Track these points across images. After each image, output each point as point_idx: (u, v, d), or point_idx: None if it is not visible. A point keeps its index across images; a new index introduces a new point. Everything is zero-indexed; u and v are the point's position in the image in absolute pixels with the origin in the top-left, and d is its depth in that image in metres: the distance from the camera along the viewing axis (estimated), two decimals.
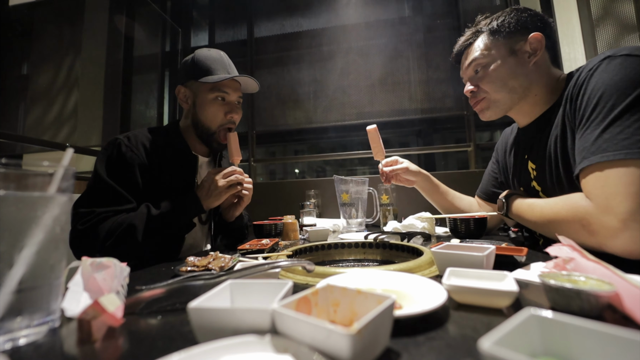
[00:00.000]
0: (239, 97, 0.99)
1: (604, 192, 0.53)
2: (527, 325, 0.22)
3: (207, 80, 0.91)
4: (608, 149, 0.53)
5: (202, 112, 0.96)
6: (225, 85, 0.95)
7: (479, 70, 0.79)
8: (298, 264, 0.47)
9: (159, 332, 0.33)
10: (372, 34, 2.23)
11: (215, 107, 0.95)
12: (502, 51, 0.75)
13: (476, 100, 0.82)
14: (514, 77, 0.74)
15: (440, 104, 2.09)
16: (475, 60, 0.79)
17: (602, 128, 0.55)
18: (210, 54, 0.97)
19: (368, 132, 1.10)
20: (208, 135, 0.97)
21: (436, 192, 1.10)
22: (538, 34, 0.72)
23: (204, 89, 0.94)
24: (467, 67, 0.82)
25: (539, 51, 0.73)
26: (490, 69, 0.76)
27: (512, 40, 0.75)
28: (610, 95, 0.56)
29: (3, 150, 1.85)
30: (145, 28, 2.44)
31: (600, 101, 0.57)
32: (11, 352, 0.29)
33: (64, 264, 0.37)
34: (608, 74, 0.58)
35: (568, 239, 0.47)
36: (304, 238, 1.05)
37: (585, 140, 0.58)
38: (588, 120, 0.58)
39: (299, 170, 5.20)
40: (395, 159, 1.09)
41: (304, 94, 2.29)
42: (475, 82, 0.81)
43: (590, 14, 1.63)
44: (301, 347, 0.24)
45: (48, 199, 0.33)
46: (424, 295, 0.38)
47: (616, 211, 0.50)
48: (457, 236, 0.92)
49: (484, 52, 0.77)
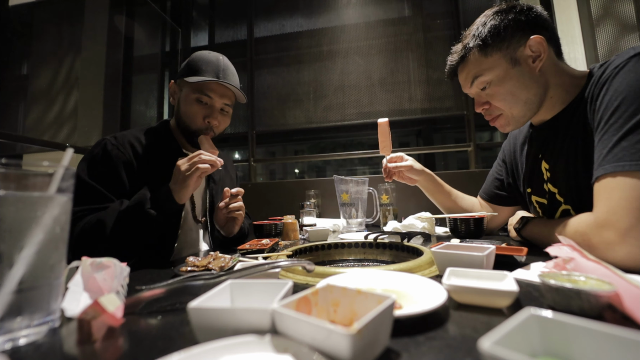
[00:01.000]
0: (226, 105, 0.97)
1: (607, 206, 0.51)
2: (527, 325, 0.22)
3: (189, 80, 0.90)
4: (624, 158, 0.51)
5: (183, 110, 0.95)
6: (209, 89, 0.92)
7: (486, 87, 0.73)
8: (298, 264, 0.47)
9: (159, 332, 0.33)
10: (372, 34, 2.23)
11: (194, 107, 0.93)
12: (503, 64, 0.69)
13: (492, 117, 0.76)
14: (525, 88, 0.69)
15: (440, 104, 2.09)
16: (477, 78, 0.73)
17: (621, 134, 0.52)
18: (208, 56, 0.96)
19: (379, 124, 1.07)
20: (189, 133, 0.96)
21: (439, 192, 1.09)
22: (537, 37, 0.66)
23: (188, 87, 0.93)
24: (470, 85, 0.75)
25: (544, 54, 0.67)
26: (498, 86, 0.70)
27: (510, 49, 0.68)
28: (634, 99, 0.52)
29: (3, 150, 1.85)
30: (145, 28, 2.44)
31: (622, 104, 0.53)
32: (11, 352, 0.29)
33: (64, 264, 0.37)
34: (635, 74, 0.54)
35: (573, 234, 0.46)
36: (304, 238, 1.05)
37: (603, 145, 0.55)
38: (607, 123, 0.55)
39: (299, 170, 5.21)
40: (401, 156, 1.07)
41: (304, 94, 2.29)
42: (485, 99, 0.75)
43: (590, 14, 1.63)
44: (301, 347, 0.24)
45: (48, 199, 0.33)
46: (424, 295, 0.38)
47: (616, 226, 0.49)
48: (457, 236, 0.91)
49: (484, 69, 0.71)
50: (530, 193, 0.85)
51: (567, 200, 0.70)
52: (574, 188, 0.67)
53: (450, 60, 0.79)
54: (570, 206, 0.70)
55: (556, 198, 0.74)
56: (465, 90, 0.79)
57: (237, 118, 2.43)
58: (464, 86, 0.79)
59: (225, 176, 1.16)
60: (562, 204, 0.72)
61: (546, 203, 0.78)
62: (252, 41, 2.41)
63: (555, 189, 0.73)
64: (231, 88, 0.94)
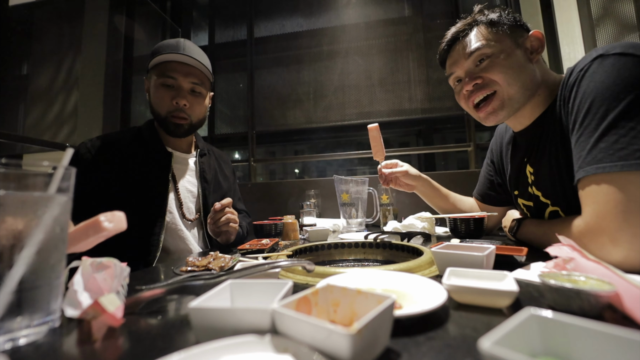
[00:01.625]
0: (195, 84, 0.93)
1: (595, 210, 0.52)
2: (527, 325, 0.22)
3: (151, 64, 0.88)
4: (604, 160, 0.51)
5: (152, 98, 0.93)
6: (172, 70, 0.90)
7: (484, 59, 0.70)
8: (298, 264, 0.47)
9: (159, 332, 0.33)
10: (372, 34, 2.23)
11: (160, 92, 0.91)
12: (507, 43, 0.69)
13: (485, 99, 0.71)
14: (525, 71, 0.68)
15: (440, 104, 2.09)
16: (478, 49, 0.70)
17: (597, 136, 0.53)
18: (168, 41, 0.94)
19: (369, 130, 1.07)
20: (160, 121, 0.95)
21: (437, 196, 1.08)
22: (539, 32, 0.70)
23: (152, 75, 0.91)
24: (467, 58, 0.72)
25: (541, 48, 0.70)
26: (499, 59, 0.68)
27: (515, 34, 0.70)
28: (603, 99, 0.53)
29: (3, 150, 1.85)
30: (145, 28, 2.44)
31: (593, 106, 0.54)
32: (11, 352, 0.29)
33: (64, 264, 0.37)
34: (600, 76, 0.55)
35: (568, 238, 0.46)
36: (304, 238, 1.05)
37: (581, 147, 0.56)
38: (582, 125, 0.56)
39: (299, 170, 5.20)
40: (395, 162, 1.07)
41: (304, 94, 2.29)
42: (479, 73, 0.70)
43: (591, 14, 1.63)
44: (301, 347, 0.24)
45: (48, 199, 0.33)
46: (424, 295, 0.38)
47: (607, 231, 0.50)
48: (457, 236, 0.91)
49: (489, 42, 0.69)
50: (517, 195, 0.85)
51: (554, 202, 0.71)
52: (560, 190, 0.67)
53: (451, 31, 0.76)
54: (559, 208, 0.70)
55: (541, 200, 0.74)
56: (458, 66, 0.75)
57: (237, 118, 2.43)
58: (457, 60, 0.75)
59: (219, 174, 1.14)
60: (549, 206, 0.72)
61: (532, 206, 0.79)
62: (252, 41, 2.41)
63: (539, 192, 0.74)
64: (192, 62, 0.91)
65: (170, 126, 0.94)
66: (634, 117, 0.50)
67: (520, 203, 0.85)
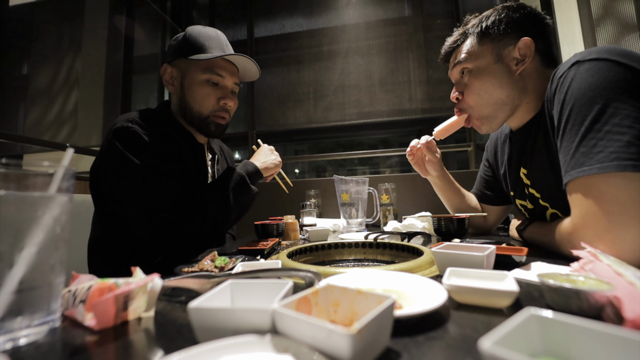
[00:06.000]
0: (235, 84, 0.89)
1: (581, 211, 0.54)
2: (527, 325, 0.22)
3: (199, 58, 0.79)
4: (585, 163, 0.53)
5: (191, 94, 0.84)
6: (220, 67, 0.84)
7: (464, 72, 0.76)
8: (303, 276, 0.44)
9: (159, 332, 0.33)
10: (372, 34, 2.23)
11: (206, 90, 0.84)
12: (488, 57, 0.72)
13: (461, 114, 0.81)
14: (500, 87, 0.72)
15: (440, 104, 2.09)
16: (459, 63, 0.76)
17: (577, 141, 0.55)
18: (206, 30, 0.86)
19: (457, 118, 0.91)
20: (200, 121, 0.87)
21: (451, 190, 1.07)
22: (527, 39, 0.69)
23: (195, 68, 0.83)
24: (453, 68, 0.79)
25: (528, 58, 0.69)
26: (475, 78, 0.73)
27: (501, 44, 0.72)
28: (580, 105, 0.55)
29: (3, 150, 1.85)
30: (145, 28, 2.44)
31: (572, 112, 0.56)
32: (11, 352, 0.29)
33: (64, 264, 0.37)
34: (576, 82, 0.57)
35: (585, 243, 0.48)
36: (304, 238, 1.05)
37: (565, 152, 0.58)
38: (564, 131, 0.58)
39: (299, 170, 5.20)
40: (436, 148, 1.05)
41: (304, 94, 2.29)
42: (461, 88, 0.78)
43: (591, 14, 1.63)
44: (301, 347, 0.24)
45: (48, 199, 0.33)
46: (424, 295, 0.38)
47: (593, 229, 0.52)
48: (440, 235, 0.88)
49: (470, 56, 0.75)
50: (514, 196, 0.86)
51: (553, 205, 0.72)
52: (555, 193, 0.69)
53: (447, 43, 0.82)
54: (557, 210, 0.71)
55: (540, 203, 0.75)
56: (449, 73, 0.82)
57: (237, 118, 2.43)
58: (450, 68, 0.82)
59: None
60: (548, 208, 0.73)
61: (531, 207, 0.79)
62: (252, 41, 2.41)
63: (539, 194, 0.75)
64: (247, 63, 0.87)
65: (211, 126, 0.88)
66: (609, 120, 0.52)
67: (517, 204, 0.86)
